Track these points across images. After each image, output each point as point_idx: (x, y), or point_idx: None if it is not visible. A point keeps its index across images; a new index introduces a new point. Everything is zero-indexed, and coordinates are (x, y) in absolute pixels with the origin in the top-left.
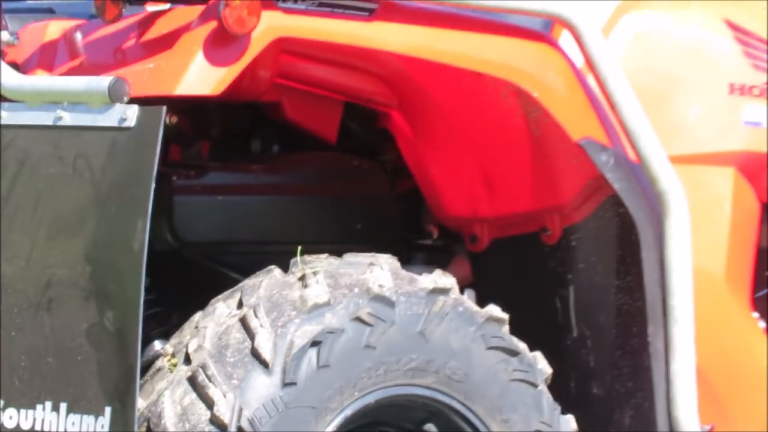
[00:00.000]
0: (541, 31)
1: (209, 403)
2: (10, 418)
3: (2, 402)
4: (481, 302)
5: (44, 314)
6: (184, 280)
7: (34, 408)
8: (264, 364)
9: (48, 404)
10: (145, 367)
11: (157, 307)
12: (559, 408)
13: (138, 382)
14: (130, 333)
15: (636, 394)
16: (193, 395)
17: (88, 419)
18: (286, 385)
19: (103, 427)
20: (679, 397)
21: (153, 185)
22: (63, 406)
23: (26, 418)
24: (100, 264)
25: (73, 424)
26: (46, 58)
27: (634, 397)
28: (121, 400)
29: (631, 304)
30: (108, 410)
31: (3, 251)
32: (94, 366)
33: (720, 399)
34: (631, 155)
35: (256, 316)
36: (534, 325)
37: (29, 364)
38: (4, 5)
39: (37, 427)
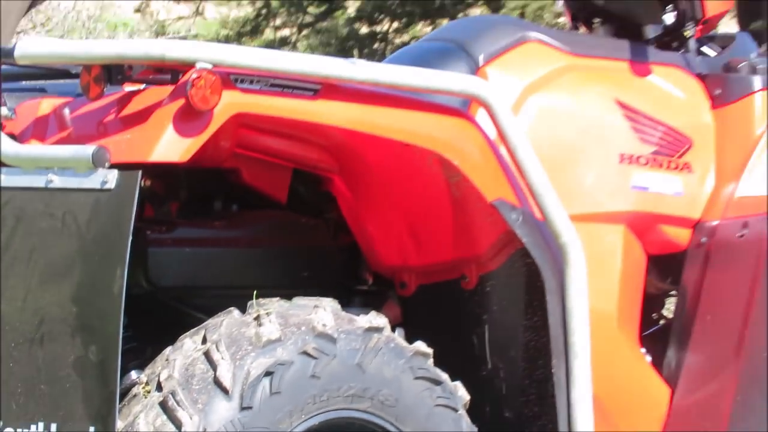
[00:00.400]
0: (461, 108)
1: (178, 425)
2: None
3: (1, 423)
4: (410, 339)
5: (38, 347)
6: (157, 320)
7: (28, 428)
8: (224, 391)
9: (41, 424)
10: (123, 394)
11: (134, 343)
12: (476, 429)
13: (117, 406)
14: (110, 364)
15: (541, 417)
16: (164, 417)
17: None
18: (243, 409)
19: None
20: (577, 419)
21: (130, 238)
22: (53, 426)
23: None
24: (85, 305)
25: None
26: (39, 130)
27: (540, 420)
28: (103, 421)
29: (537, 340)
30: (92, 430)
31: (3, 294)
32: (80, 392)
33: (613, 421)
34: (537, 214)
35: (218, 350)
36: (454, 358)
37: (24, 389)
38: (3, 85)
39: None
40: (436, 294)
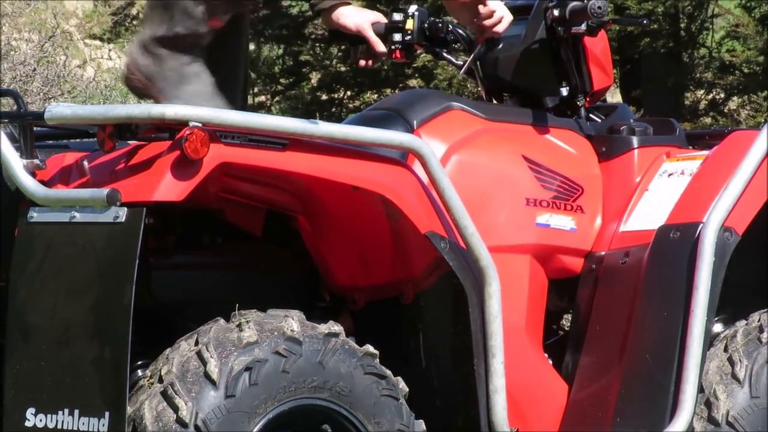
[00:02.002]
0: (400, 159)
1: (175, 409)
2: (40, 420)
3: (35, 409)
4: (360, 344)
5: (64, 349)
6: (158, 328)
7: (56, 413)
8: (213, 382)
9: (66, 411)
10: (132, 386)
11: (141, 346)
12: (413, 415)
13: (127, 395)
14: (121, 362)
15: (466, 406)
16: (165, 404)
17: (93, 420)
18: (228, 397)
19: (103, 426)
20: (494, 408)
21: (137, 263)
22: (76, 411)
23: (51, 420)
24: (101, 315)
25: (83, 423)
26: (64, 177)
27: (465, 408)
28: (116, 408)
29: (462, 343)
30: (107, 414)
31: (36, 306)
32: (97, 384)
33: (522, 410)
34: (461, 243)
35: (207, 350)
36: (396, 359)
37: (53, 383)
38: (36, 143)
39: (59, 426)
40: (380, 308)
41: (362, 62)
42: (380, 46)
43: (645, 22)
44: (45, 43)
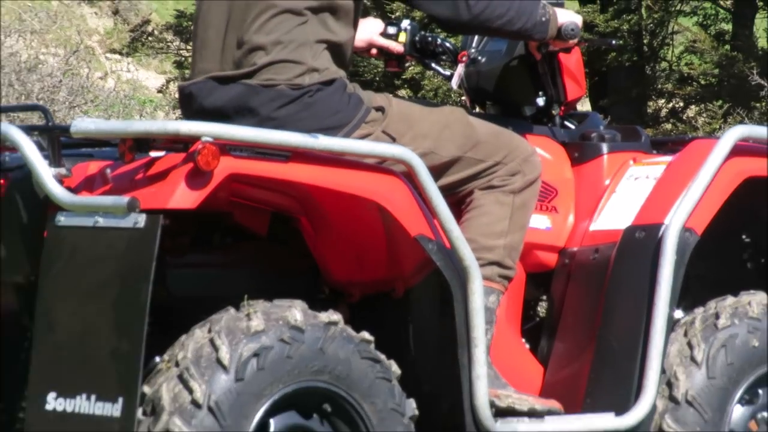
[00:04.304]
0: (392, 169)
1: (190, 391)
2: (60, 403)
3: (55, 393)
4: (357, 332)
5: (85, 339)
6: (174, 319)
7: (74, 397)
8: (224, 367)
9: (84, 395)
10: (150, 371)
11: (158, 335)
12: (404, 395)
13: (140, 382)
14: (136, 353)
15: (450, 390)
16: (180, 386)
17: (108, 405)
18: (237, 380)
19: (116, 410)
20: (477, 393)
21: (154, 263)
22: (93, 396)
23: (70, 404)
24: (121, 309)
25: (98, 407)
26: (88, 184)
27: (450, 391)
28: (129, 393)
29: (446, 334)
30: (120, 399)
31: (62, 303)
32: (113, 372)
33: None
34: (447, 245)
35: (219, 337)
36: (389, 346)
37: (74, 370)
38: (63, 151)
39: (77, 410)
40: (374, 302)
41: (391, 68)
42: (396, 47)
43: (614, 43)
44: (70, 57)
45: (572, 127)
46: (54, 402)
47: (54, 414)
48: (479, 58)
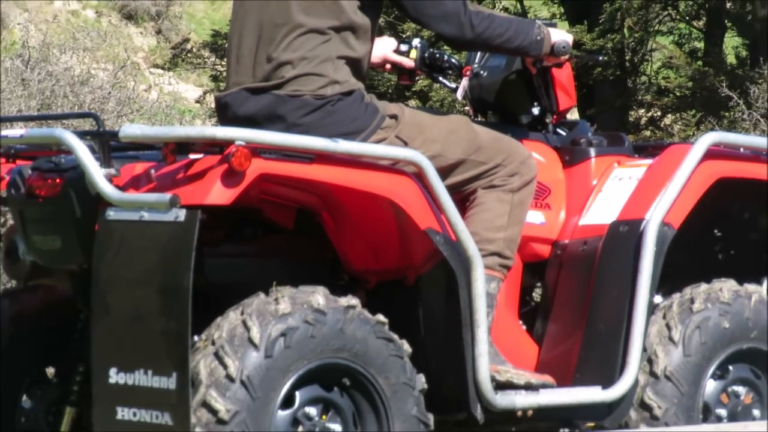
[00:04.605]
0: (405, 170)
1: (225, 367)
2: (121, 378)
3: (116, 369)
4: (372, 315)
5: (138, 322)
6: (210, 302)
7: (133, 372)
8: (255, 345)
9: (141, 370)
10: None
11: (197, 317)
12: (415, 371)
13: (189, 358)
14: (184, 332)
15: (455, 366)
16: (216, 362)
17: (164, 379)
18: (266, 357)
19: (172, 383)
20: (479, 368)
21: (193, 253)
22: (150, 371)
23: (130, 378)
24: (167, 294)
25: (155, 381)
26: (135, 183)
27: (455, 367)
28: (181, 369)
29: (453, 316)
30: (174, 374)
31: (114, 289)
32: (165, 350)
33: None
34: (453, 237)
35: (251, 319)
36: (401, 327)
37: (130, 348)
38: (112, 154)
39: (137, 383)
40: (388, 288)
41: (403, 81)
42: (407, 62)
43: (600, 58)
44: (118, 72)
45: (563, 133)
46: (116, 376)
47: (117, 386)
48: (481, 72)
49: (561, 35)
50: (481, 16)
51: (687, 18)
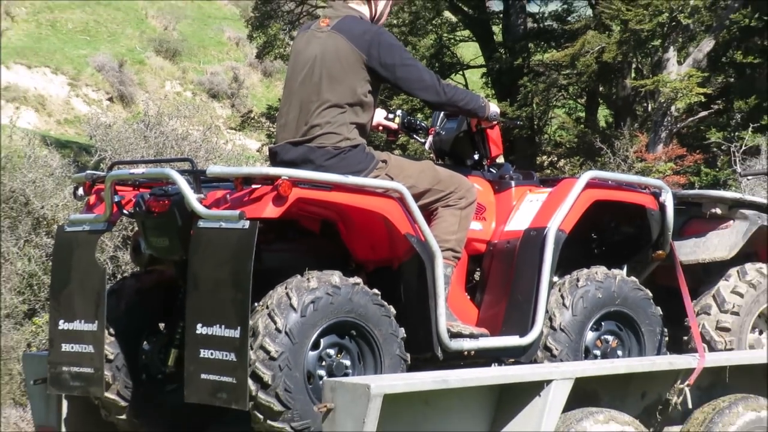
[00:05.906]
0: (392, 196)
1: (275, 323)
2: (205, 330)
3: (201, 323)
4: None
5: (217, 294)
6: (266, 281)
7: (212, 327)
8: (294, 309)
9: (218, 325)
10: (252, 311)
11: (256, 290)
12: (398, 325)
13: (249, 318)
14: (246, 300)
15: (425, 322)
16: (269, 320)
17: (231, 330)
18: (302, 316)
19: (236, 333)
20: (439, 325)
21: (254, 249)
22: (223, 325)
23: (209, 330)
24: (235, 276)
25: (227, 332)
26: (216, 203)
27: (424, 322)
28: (243, 324)
29: (423, 290)
30: (239, 328)
31: (203, 273)
32: (233, 311)
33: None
34: (422, 238)
35: (291, 292)
36: (390, 297)
37: (212, 311)
38: (202, 185)
39: (214, 333)
40: (382, 272)
41: (390, 138)
42: (393, 126)
43: (518, 123)
44: (206, 132)
45: (494, 171)
46: (201, 329)
47: (201, 336)
48: (441, 132)
49: (493, 107)
50: (449, 86)
51: (574, 97)
